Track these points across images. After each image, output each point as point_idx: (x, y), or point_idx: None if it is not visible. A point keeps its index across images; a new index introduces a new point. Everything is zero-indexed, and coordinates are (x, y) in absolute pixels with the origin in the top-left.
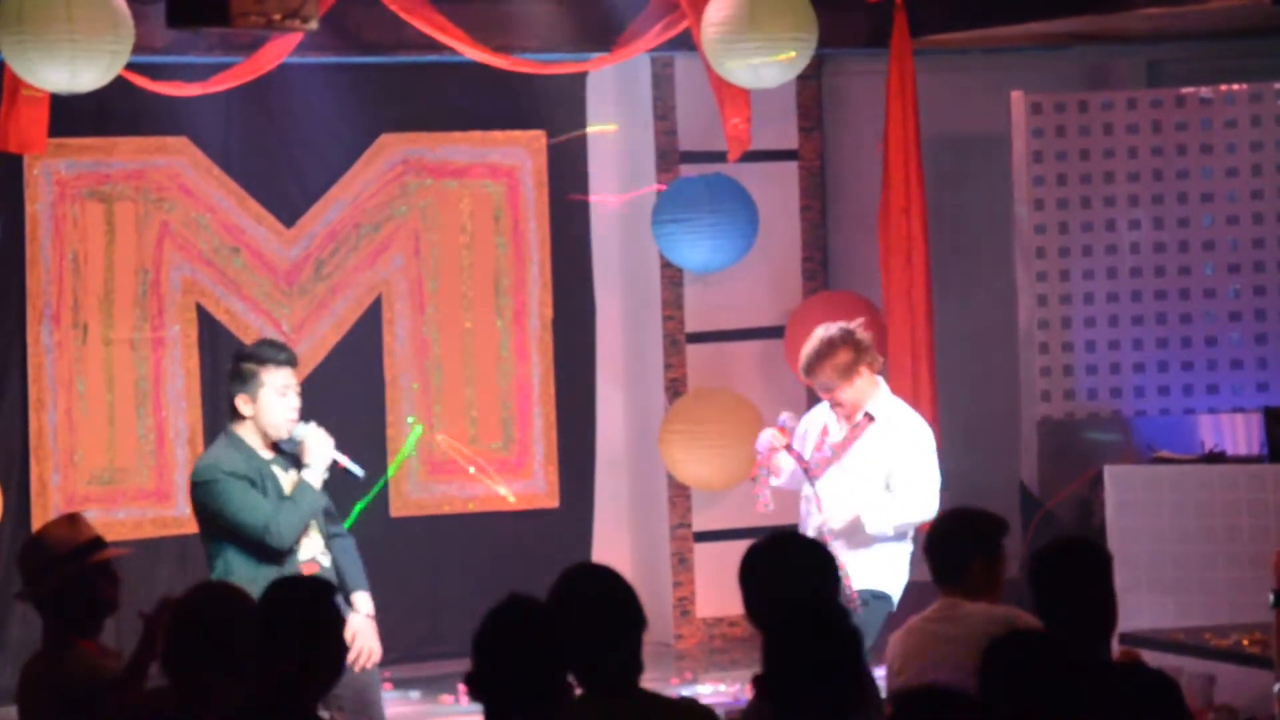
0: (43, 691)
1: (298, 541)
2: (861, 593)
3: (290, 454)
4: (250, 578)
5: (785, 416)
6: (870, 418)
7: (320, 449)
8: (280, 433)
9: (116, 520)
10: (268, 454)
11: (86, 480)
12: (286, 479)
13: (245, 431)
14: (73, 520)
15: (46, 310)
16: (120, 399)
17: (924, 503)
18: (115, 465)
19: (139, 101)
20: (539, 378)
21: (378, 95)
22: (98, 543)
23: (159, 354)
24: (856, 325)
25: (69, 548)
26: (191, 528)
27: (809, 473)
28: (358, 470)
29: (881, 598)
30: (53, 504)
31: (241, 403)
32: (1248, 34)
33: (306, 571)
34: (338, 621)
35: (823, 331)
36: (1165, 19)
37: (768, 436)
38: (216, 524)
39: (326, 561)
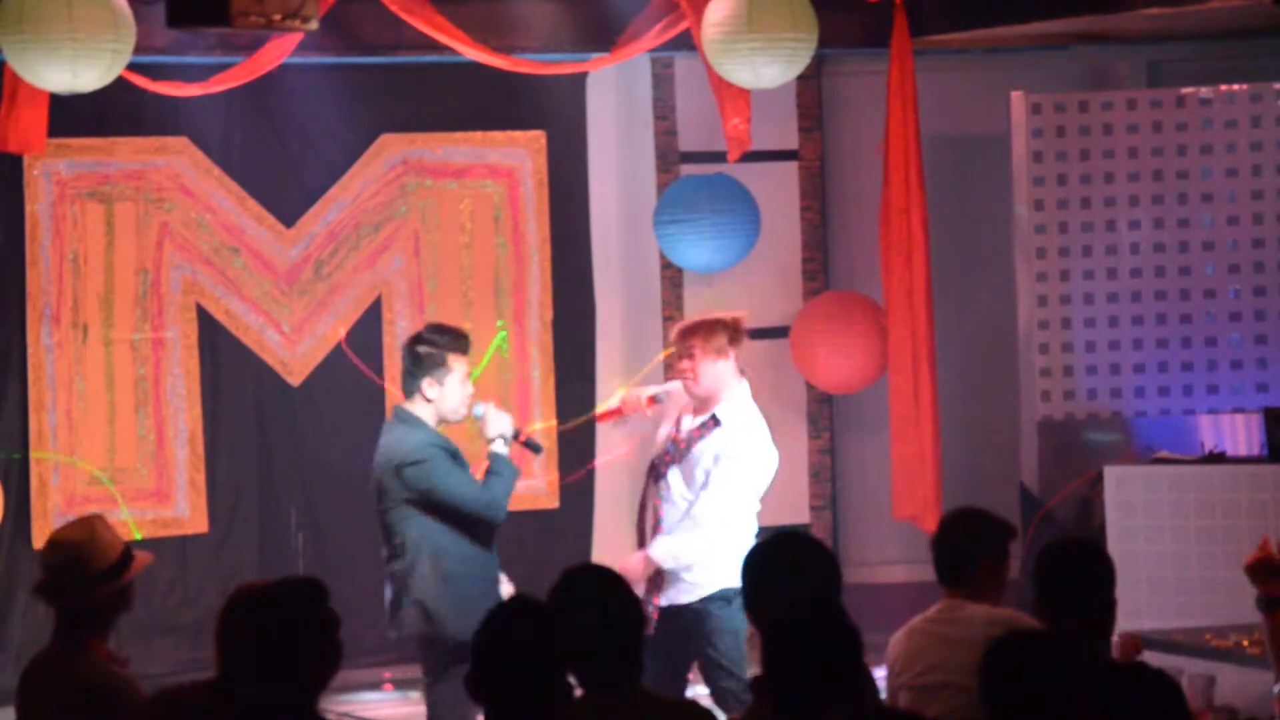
0: (52, 693)
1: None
2: (725, 590)
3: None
4: (460, 557)
5: (663, 392)
6: (716, 421)
7: (502, 424)
8: (459, 416)
9: (116, 520)
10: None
11: (86, 480)
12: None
13: (422, 413)
14: (103, 528)
15: (46, 310)
16: (120, 399)
17: (708, 528)
18: (115, 465)
19: (139, 101)
20: (539, 378)
21: (378, 95)
22: (128, 554)
23: (159, 354)
24: (743, 319)
25: (107, 563)
26: (192, 528)
27: (657, 464)
28: (538, 445)
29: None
30: (53, 504)
31: (427, 385)
32: (1248, 34)
33: None
34: (336, 622)
35: (717, 313)
36: (1165, 19)
37: (640, 398)
38: (426, 503)
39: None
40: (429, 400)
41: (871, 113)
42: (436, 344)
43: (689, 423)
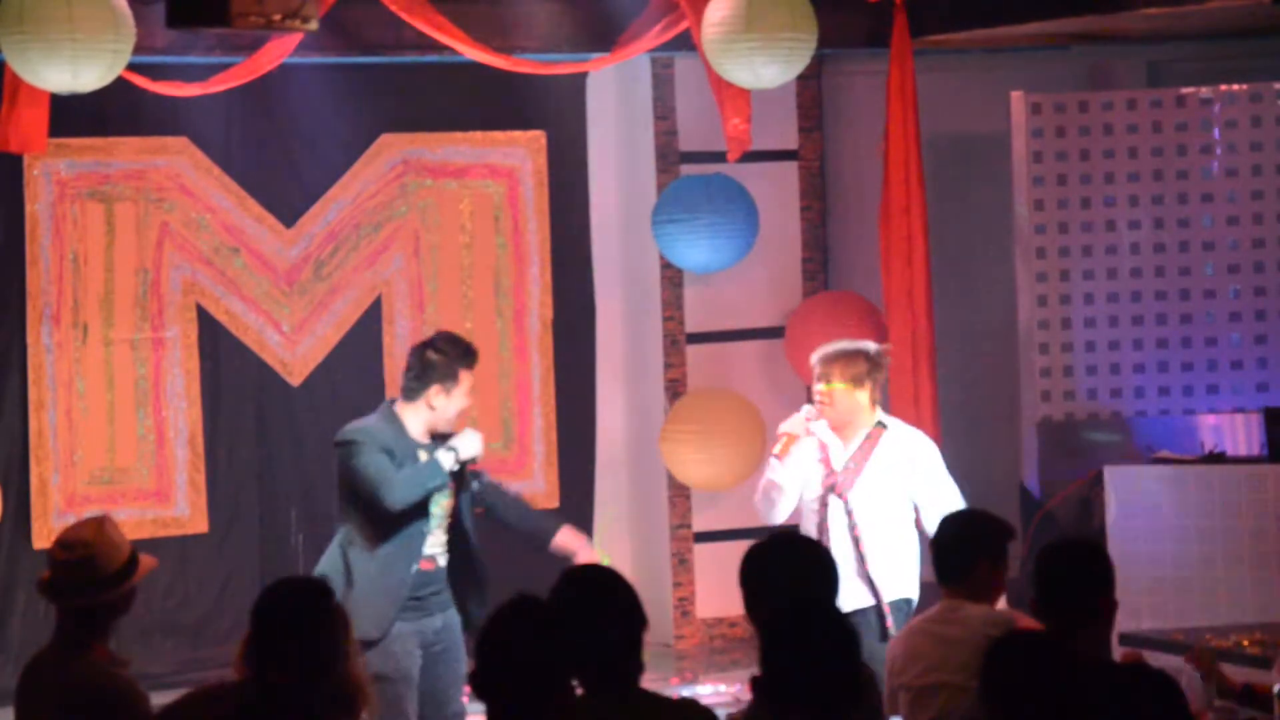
0: (52, 694)
1: (425, 537)
2: (895, 602)
3: (438, 445)
4: (368, 554)
5: (809, 409)
6: (882, 426)
7: (468, 443)
8: (453, 427)
9: (116, 520)
10: (424, 439)
11: (86, 480)
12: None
13: (410, 412)
14: (111, 529)
15: (46, 310)
16: (120, 399)
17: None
18: (115, 465)
19: (139, 101)
20: (539, 378)
21: (378, 95)
22: (135, 556)
23: (159, 354)
24: (886, 352)
25: (116, 565)
26: (192, 528)
27: (834, 487)
28: (476, 484)
29: (910, 602)
30: (53, 504)
31: (435, 393)
32: (1248, 34)
33: (423, 568)
34: (336, 622)
35: (859, 342)
36: (1165, 19)
37: (800, 420)
38: (345, 483)
39: (443, 561)
40: (432, 408)
41: (871, 113)
42: (449, 354)
43: (840, 448)
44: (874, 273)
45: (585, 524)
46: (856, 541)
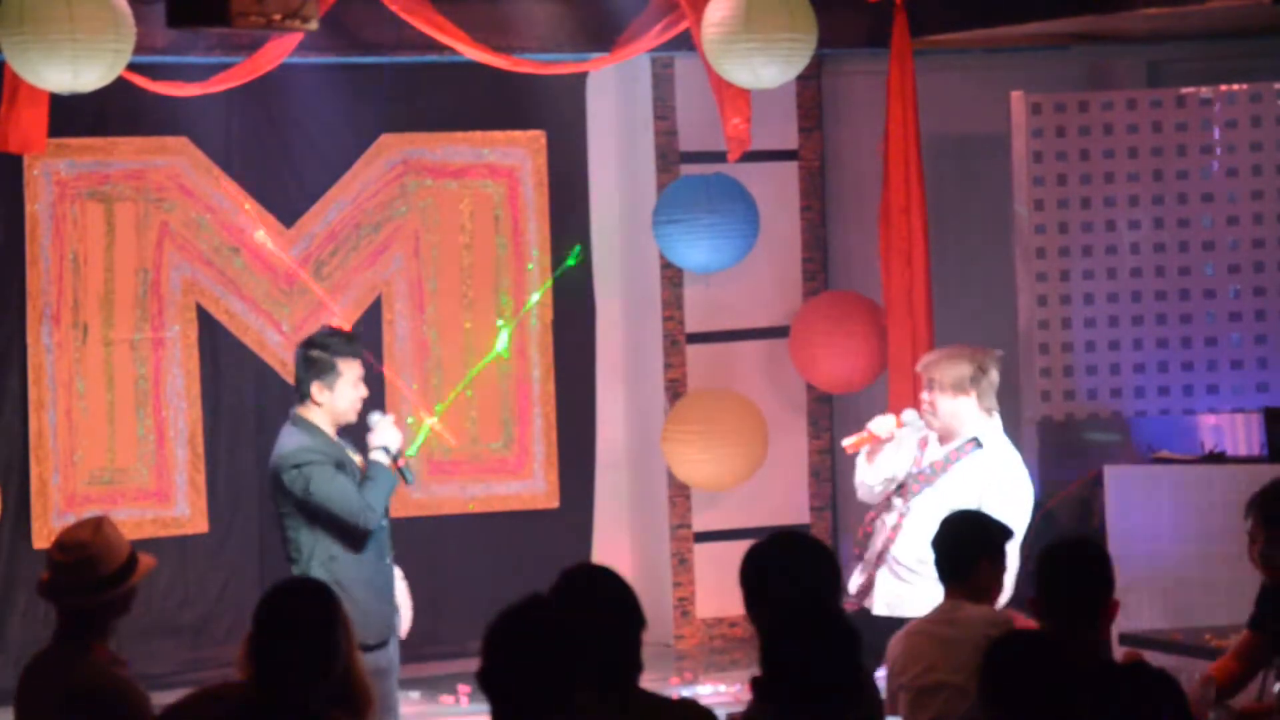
0: (52, 694)
1: (386, 530)
2: (883, 619)
3: (348, 440)
4: (353, 563)
5: (910, 414)
6: (977, 443)
7: (390, 436)
8: (350, 418)
9: (116, 520)
10: (336, 438)
11: (86, 480)
12: (356, 460)
13: (315, 416)
14: (110, 529)
15: (46, 310)
16: (120, 399)
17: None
18: (115, 465)
19: (139, 101)
20: (539, 378)
21: (378, 95)
22: (134, 557)
23: (159, 354)
24: (992, 357)
25: (115, 565)
26: (192, 528)
27: (903, 487)
28: (410, 475)
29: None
30: (53, 504)
31: (317, 390)
32: (1248, 34)
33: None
34: (338, 623)
35: (965, 346)
36: (1165, 19)
37: (889, 423)
38: (305, 508)
39: (386, 523)
40: (319, 404)
41: (871, 113)
42: (327, 348)
43: (937, 449)
44: (874, 273)
45: (585, 524)
46: (891, 537)
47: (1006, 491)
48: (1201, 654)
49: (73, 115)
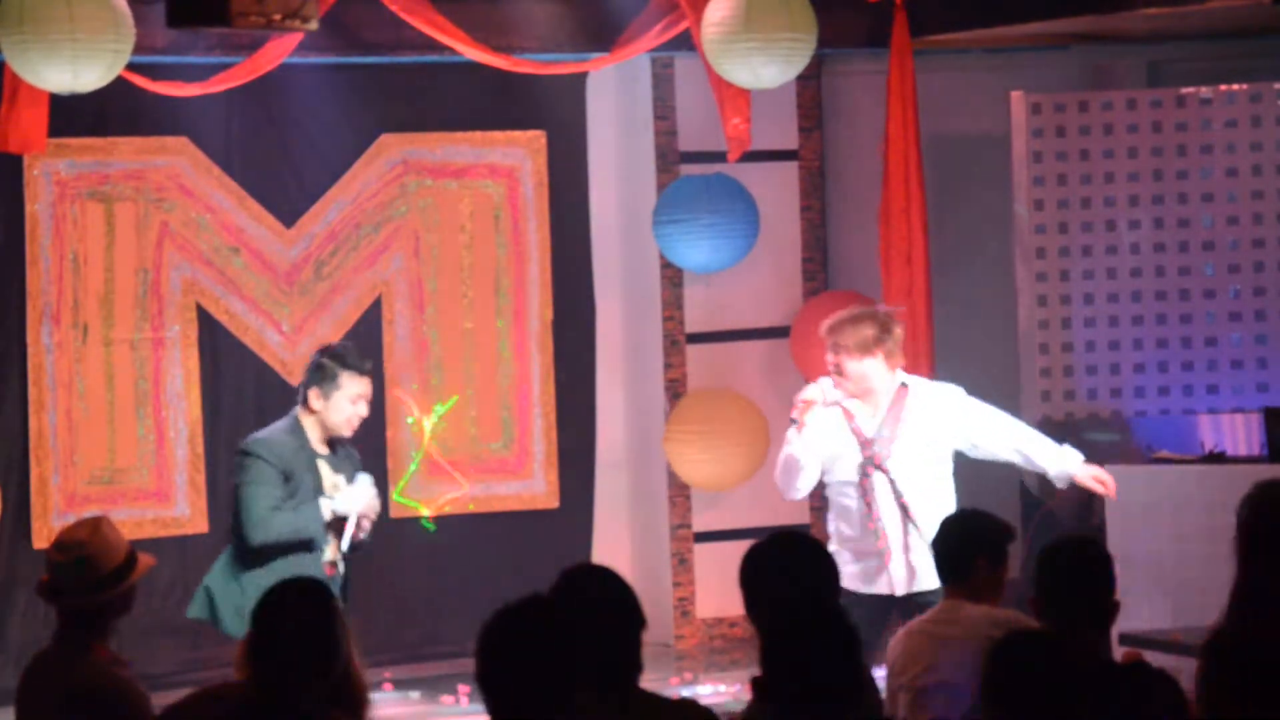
0: (53, 694)
1: (320, 545)
2: (935, 592)
3: (343, 457)
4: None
5: (825, 380)
6: (905, 387)
7: (352, 502)
8: (342, 432)
9: (116, 520)
10: (323, 449)
11: (86, 480)
12: (330, 477)
13: (307, 421)
14: (109, 529)
15: (46, 310)
16: (120, 399)
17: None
18: (115, 465)
19: (139, 101)
20: (539, 378)
21: (378, 95)
22: (133, 556)
23: (159, 354)
24: (896, 314)
25: (114, 565)
26: (192, 528)
27: (874, 459)
28: (344, 548)
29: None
30: (53, 504)
31: (313, 396)
32: (1248, 34)
33: (329, 573)
34: (337, 622)
35: (864, 307)
36: (1165, 19)
37: (819, 388)
38: (234, 496)
39: (343, 569)
40: (313, 411)
41: (871, 113)
42: (337, 358)
43: (868, 414)
44: (874, 273)
45: (585, 524)
46: (905, 510)
47: (958, 398)
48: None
49: (73, 115)
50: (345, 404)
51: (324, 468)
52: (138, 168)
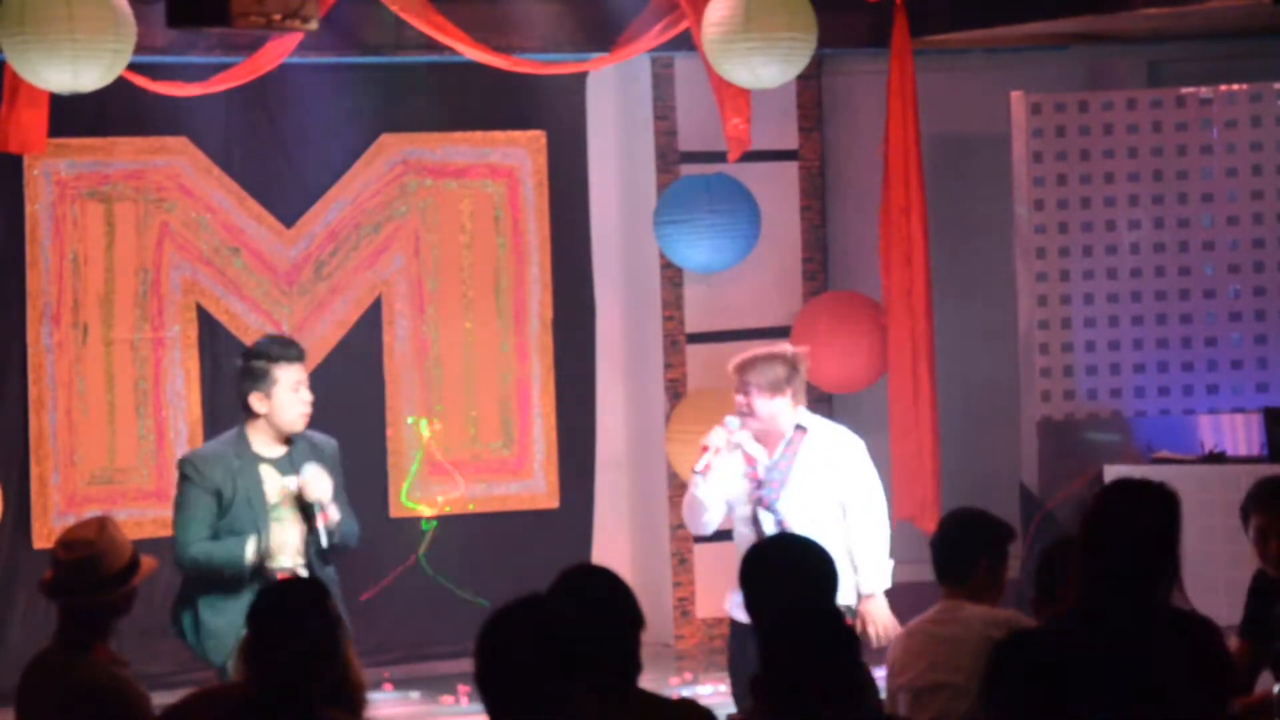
0: (53, 694)
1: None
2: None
3: (300, 452)
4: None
5: (732, 420)
6: (802, 429)
7: (319, 489)
8: (295, 427)
9: (117, 520)
10: (278, 450)
11: (86, 480)
12: (278, 482)
13: (256, 428)
14: (114, 529)
15: (46, 310)
16: (120, 399)
17: (886, 528)
18: (115, 465)
19: (139, 101)
20: (539, 378)
21: (378, 95)
22: (136, 557)
23: (159, 354)
24: (803, 356)
25: (119, 565)
26: None
27: (764, 500)
28: (323, 538)
29: (849, 610)
30: (53, 504)
31: (255, 401)
32: (1248, 34)
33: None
34: (334, 622)
35: (775, 346)
36: (1165, 19)
37: (722, 434)
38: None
39: (304, 574)
40: (259, 415)
41: (871, 113)
42: (263, 355)
43: (765, 457)
44: (874, 273)
45: (585, 524)
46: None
47: (853, 454)
48: None
49: (73, 115)
50: (289, 395)
51: (269, 474)
52: (138, 168)
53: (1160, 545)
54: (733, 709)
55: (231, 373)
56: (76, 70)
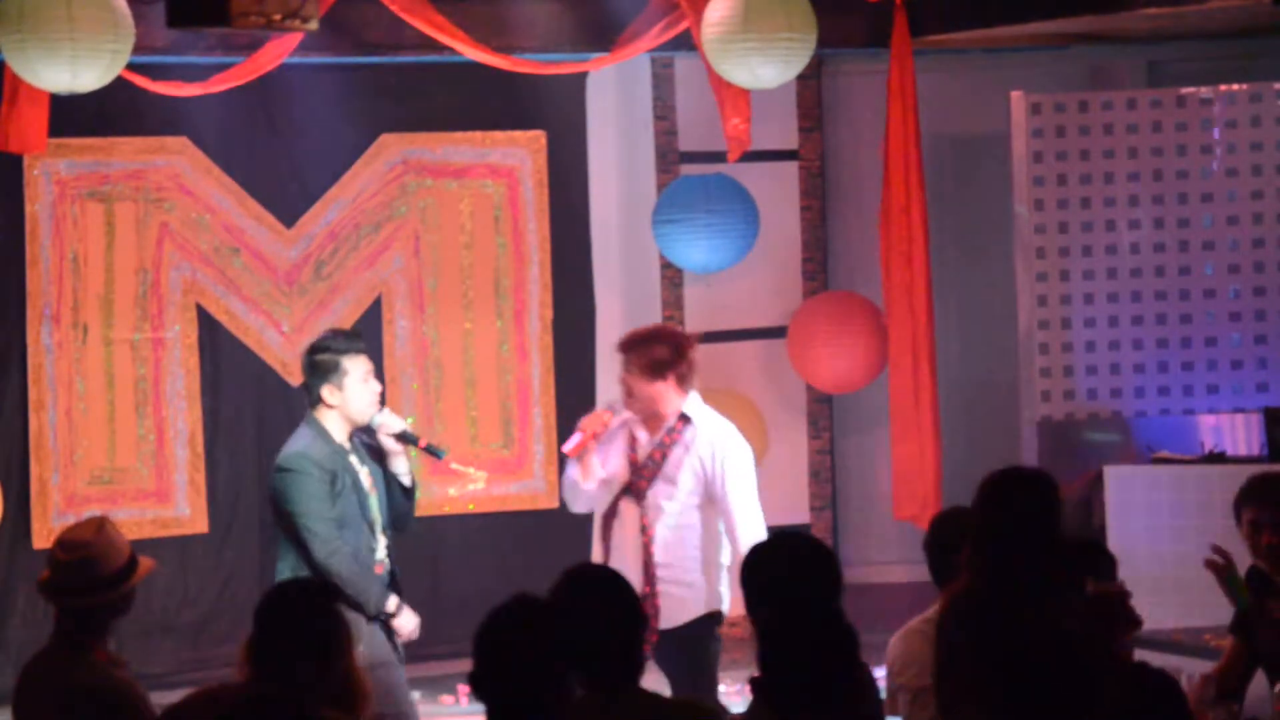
0: (51, 695)
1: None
2: (691, 623)
3: (365, 444)
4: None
5: (613, 402)
6: (686, 419)
7: (396, 423)
8: (365, 417)
9: (116, 520)
10: (346, 444)
11: (86, 480)
12: (362, 471)
13: (329, 420)
14: (112, 530)
15: (46, 310)
16: (120, 399)
17: (759, 532)
18: (115, 465)
19: (139, 101)
20: (539, 378)
21: (378, 95)
22: (134, 558)
23: (159, 354)
24: (691, 340)
25: (116, 566)
26: (192, 528)
27: (634, 484)
28: (439, 450)
29: (718, 616)
30: (53, 504)
31: (328, 393)
32: (1248, 34)
33: (379, 571)
34: (337, 622)
35: (661, 326)
36: (1165, 19)
37: (598, 417)
38: (284, 525)
39: (388, 565)
40: (332, 406)
41: (871, 113)
42: (331, 349)
43: (648, 438)
44: (874, 273)
45: (585, 524)
46: (646, 545)
47: (731, 454)
48: (1201, 654)
49: (73, 115)
50: (360, 386)
51: (354, 463)
52: (138, 168)
53: (1035, 529)
54: (733, 708)
55: (231, 373)
56: (75, 70)
